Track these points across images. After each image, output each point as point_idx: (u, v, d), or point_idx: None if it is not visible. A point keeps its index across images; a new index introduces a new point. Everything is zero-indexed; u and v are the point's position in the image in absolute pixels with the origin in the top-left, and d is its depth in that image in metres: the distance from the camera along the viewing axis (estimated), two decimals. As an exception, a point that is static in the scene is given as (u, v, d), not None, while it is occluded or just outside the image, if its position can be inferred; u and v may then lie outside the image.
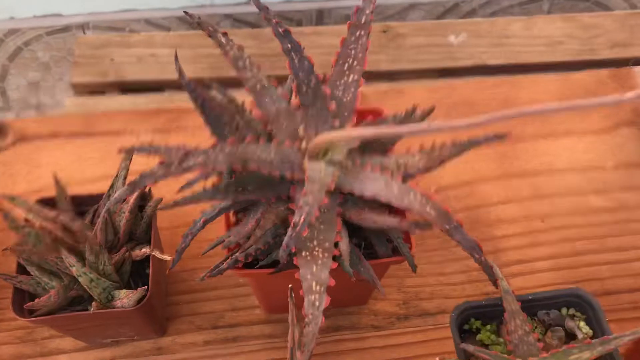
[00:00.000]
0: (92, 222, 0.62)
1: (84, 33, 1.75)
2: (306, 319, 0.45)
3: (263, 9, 0.51)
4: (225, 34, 0.55)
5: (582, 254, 0.74)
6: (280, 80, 0.60)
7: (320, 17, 1.74)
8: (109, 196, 0.61)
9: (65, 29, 1.74)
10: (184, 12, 0.56)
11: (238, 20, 1.72)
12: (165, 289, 0.70)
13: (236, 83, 0.56)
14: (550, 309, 0.58)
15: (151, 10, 1.74)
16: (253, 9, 1.73)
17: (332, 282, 0.47)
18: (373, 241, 0.55)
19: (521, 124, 0.82)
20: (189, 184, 0.55)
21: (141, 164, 0.75)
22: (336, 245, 0.50)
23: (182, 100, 1.34)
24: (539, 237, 0.75)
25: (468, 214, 0.76)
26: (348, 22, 0.55)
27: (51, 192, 0.73)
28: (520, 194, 0.78)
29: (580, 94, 0.84)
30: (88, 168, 0.79)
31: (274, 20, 0.51)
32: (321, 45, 1.37)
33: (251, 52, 1.37)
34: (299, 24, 1.70)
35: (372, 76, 1.39)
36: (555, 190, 0.78)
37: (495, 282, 0.51)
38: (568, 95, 0.84)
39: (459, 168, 0.79)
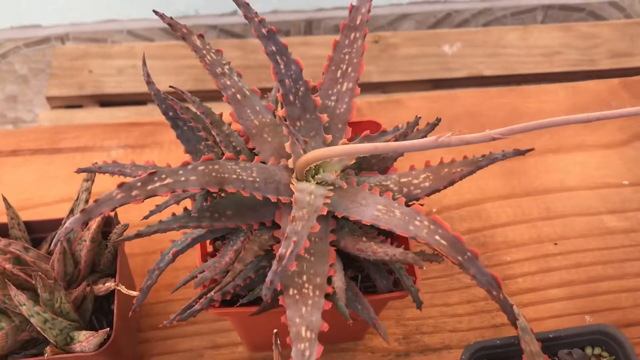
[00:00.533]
0: (49, 252, 0.54)
1: (64, 44, 1.69)
2: (294, 373, 0.37)
3: (243, 5, 0.44)
4: (201, 36, 0.48)
5: (598, 280, 0.67)
6: (266, 92, 0.53)
7: (309, 28, 1.69)
8: (69, 222, 0.54)
9: (45, 40, 1.67)
10: (154, 11, 0.48)
11: (224, 31, 1.66)
12: (136, 324, 0.62)
13: (221, 96, 0.49)
14: (573, 348, 0.51)
15: (133, 20, 1.68)
16: (239, 19, 1.67)
17: (325, 327, 0.39)
18: (372, 274, 0.48)
19: (529, 137, 0.76)
20: (157, 208, 0.48)
21: (109, 183, 0.67)
22: (329, 281, 0.42)
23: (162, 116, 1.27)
24: (551, 262, 0.68)
25: (473, 236, 0.69)
26: (342, 21, 0.48)
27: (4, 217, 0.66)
28: (529, 214, 0.71)
29: (592, 103, 0.78)
30: (52, 188, 0.72)
31: (256, 19, 0.44)
32: (310, 56, 1.30)
33: (236, 63, 1.31)
34: (287, 34, 1.64)
35: (363, 88, 1.32)
36: (567, 210, 0.71)
37: (514, 322, 0.44)
38: (579, 105, 0.78)
39: (463, 186, 0.72)
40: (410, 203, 0.48)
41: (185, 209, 0.43)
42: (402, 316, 0.64)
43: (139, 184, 0.38)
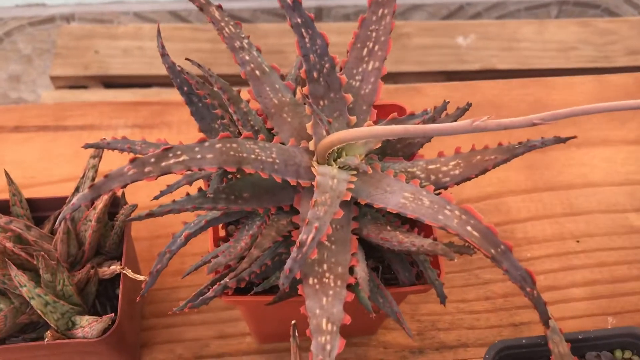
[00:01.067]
0: (52, 232, 0.51)
1: (69, 24, 1.66)
2: (314, 368, 0.35)
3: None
4: (219, 7, 0.46)
5: (622, 280, 0.64)
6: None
7: (319, 16, 1.66)
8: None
9: (50, 19, 1.64)
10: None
11: (232, 17, 1.63)
12: (140, 311, 0.59)
13: (229, 81, 0.47)
14: (602, 351, 0.49)
15: (140, 2, 1.65)
16: (248, 4, 1.64)
17: (348, 320, 0.37)
18: (393, 265, 0.45)
19: (552, 130, 0.73)
20: (169, 189, 0.45)
21: (117, 164, 0.65)
22: (351, 271, 0.40)
23: (171, 96, 1.24)
24: (573, 260, 0.65)
25: (492, 231, 0.66)
26: (369, -3, 0.45)
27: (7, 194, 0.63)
28: (551, 210, 0.68)
29: (620, 96, 0.75)
30: (56, 166, 0.69)
31: (281, -13, 0.41)
32: (321, 43, 1.27)
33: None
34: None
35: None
36: (591, 206, 0.68)
37: (547, 322, 0.41)
38: (607, 98, 0.75)
39: (483, 179, 0.68)
40: (437, 191, 0.45)
41: (200, 189, 0.40)
42: (417, 311, 0.62)
43: (152, 159, 0.35)
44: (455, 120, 0.46)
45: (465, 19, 1.72)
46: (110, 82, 1.33)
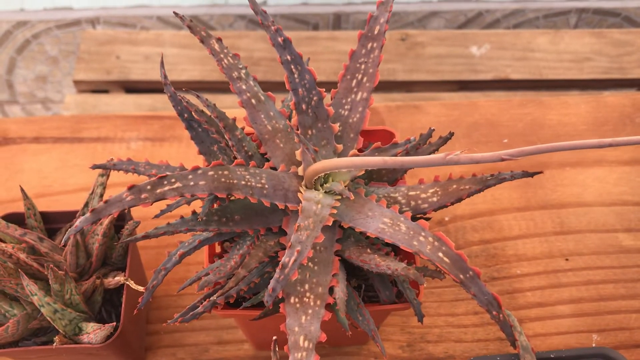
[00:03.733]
0: (65, 243, 0.55)
1: (94, 28, 1.71)
2: (290, 382, 0.38)
3: (260, 13, 0.45)
4: (219, 40, 0.49)
5: (608, 299, 0.66)
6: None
7: (337, 22, 1.68)
8: (83, 214, 0.55)
9: (76, 22, 1.69)
10: (174, 13, 0.49)
11: (253, 22, 1.66)
12: (145, 316, 0.63)
13: None
14: (575, 369, 0.51)
15: (163, 7, 1.69)
16: (268, 10, 1.68)
17: (324, 338, 0.40)
18: (375, 284, 0.48)
19: (548, 154, 0.75)
20: (168, 208, 0.49)
21: (126, 177, 0.69)
22: (331, 291, 0.43)
23: (189, 102, 1.28)
24: (561, 278, 0.67)
25: (484, 247, 0.69)
26: (359, 31, 0.48)
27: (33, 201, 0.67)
28: (542, 228, 0.70)
29: (615, 117, 0.77)
30: (72, 177, 0.73)
31: (272, 28, 0.44)
32: (336, 51, 1.30)
33: (263, 55, 1.31)
34: (315, 27, 1.64)
35: (387, 86, 1.32)
36: (581, 226, 0.71)
37: (514, 343, 0.44)
38: (601, 119, 0.77)
39: (477, 196, 0.72)
40: (417, 216, 0.48)
41: (194, 212, 0.44)
42: (408, 324, 0.64)
43: (148, 187, 0.39)
44: (437, 149, 0.49)
45: (483, 26, 1.73)
46: (131, 87, 1.37)
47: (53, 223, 0.58)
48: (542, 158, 0.74)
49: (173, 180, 0.40)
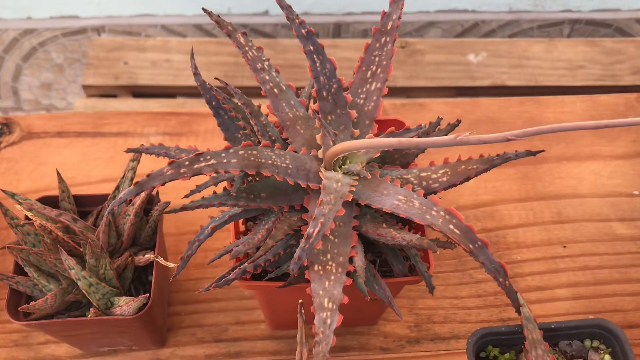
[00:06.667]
0: (95, 224, 0.59)
1: (100, 36, 1.75)
2: (316, 338, 0.42)
3: (286, 7, 0.49)
4: (244, 34, 0.53)
5: (603, 283, 0.70)
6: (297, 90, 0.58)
7: (337, 31, 1.73)
8: (114, 197, 0.59)
9: (82, 31, 1.73)
10: (203, 9, 0.53)
11: (254, 31, 1.71)
12: (167, 298, 0.67)
13: (250, 93, 0.54)
14: (573, 340, 0.55)
15: (167, 16, 1.73)
16: (270, 19, 1.73)
17: (346, 300, 0.44)
18: (389, 258, 0.52)
19: (546, 145, 0.79)
20: (197, 188, 0.53)
21: (148, 167, 0.72)
22: (350, 260, 0.47)
23: (194, 106, 1.32)
24: (559, 264, 0.71)
25: (486, 235, 0.73)
26: (374, 26, 0.53)
27: (55, 191, 0.71)
28: (541, 217, 0.74)
29: (608, 116, 0.81)
30: (94, 169, 0.77)
31: (297, 20, 0.49)
32: (338, 58, 1.35)
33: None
34: (317, 36, 1.68)
35: (388, 91, 1.37)
36: (578, 215, 0.75)
37: (518, 309, 0.48)
38: (596, 117, 0.81)
39: (479, 187, 0.76)
40: (428, 195, 0.52)
41: (225, 188, 0.48)
42: (415, 306, 0.68)
43: (187, 162, 0.43)
44: (446, 134, 0.53)
45: (479, 36, 1.78)
46: (139, 92, 1.41)
47: (83, 206, 0.61)
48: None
49: (209, 157, 0.44)
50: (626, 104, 0.84)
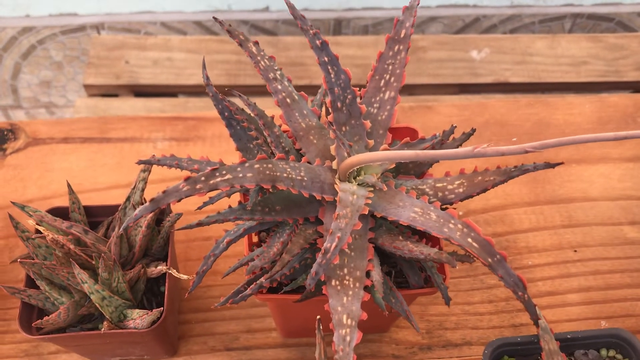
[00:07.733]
0: (106, 235, 0.59)
1: (99, 33, 1.73)
2: (336, 356, 0.42)
3: (299, 17, 0.48)
4: (256, 43, 0.52)
5: (615, 287, 0.70)
6: (299, 89, 0.57)
7: (338, 28, 1.72)
8: (124, 208, 0.58)
9: (80, 28, 1.72)
10: (213, 17, 0.52)
11: (255, 27, 1.70)
12: (178, 306, 0.66)
13: (252, 91, 0.53)
14: (589, 349, 0.55)
15: (167, 13, 1.72)
16: (271, 16, 1.71)
17: (365, 316, 0.43)
18: (405, 269, 0.52)
19: (555, 148, 0.79)
20: (211, 200, 0.52)
21: (159, 174, 0.72)
22: (368, 274, 0.46)
23: (197, 105, 1.31)
24: (570, 268, 0.71)
25: (497, 240, 0.73)
26: (386, 35, 0.52)
27: (62, 199, 0.71)
28: (551, 221, 0.74)
29: (617, 117, 0.81)
30: (101, 175, 0.76)
31: (311, 32, 0.48)
32: (341, 55, 1.33)
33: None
34: (317, 33, 1.67)
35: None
36: (588, 219, 0.74)
37: (537, 322, 0.47)
38: (605, 118, 0.81)
39: (489, 191, 0.75)
40: (444, 207, 0.51)
41: (240, 202, 0.47)
42: (427, 312, 0.68)
43: (202, 178, 0.42)
44: (460, 144, 0.53)
45: (480, 31, 1.77)
46: (140, 91, 1.40)
47: (94, 217, 0.61)
48: (549, 155, 0.78)
49: (224, 172, 0.43)
50: (635, 104, 0.83)
